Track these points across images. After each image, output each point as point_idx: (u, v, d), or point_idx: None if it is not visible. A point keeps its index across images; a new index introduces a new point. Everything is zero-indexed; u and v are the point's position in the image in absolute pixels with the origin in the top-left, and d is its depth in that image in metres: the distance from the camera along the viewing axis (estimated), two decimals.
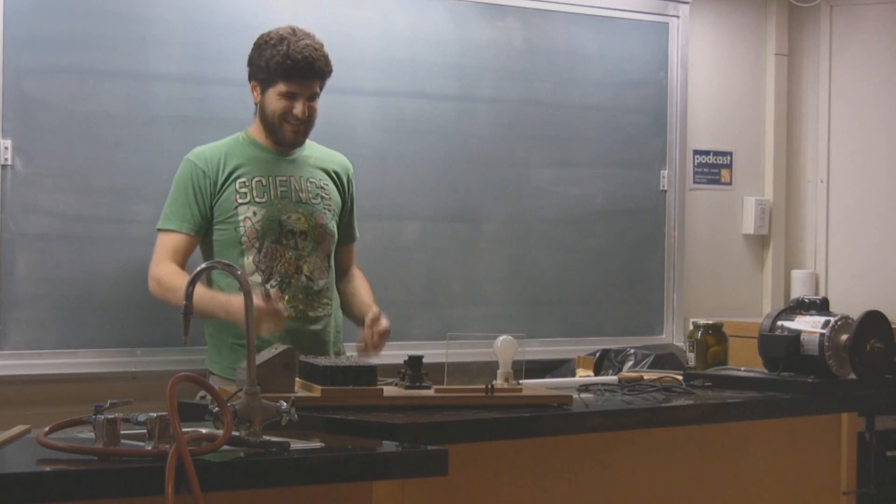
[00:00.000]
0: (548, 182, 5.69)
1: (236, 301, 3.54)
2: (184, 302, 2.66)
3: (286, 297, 3.71)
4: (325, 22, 4.85)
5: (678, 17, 6.03)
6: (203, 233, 3.75)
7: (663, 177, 6.01)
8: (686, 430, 3.42)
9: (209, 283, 3.79)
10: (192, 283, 2.65)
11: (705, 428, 3.46)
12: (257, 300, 3.44)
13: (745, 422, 3.53)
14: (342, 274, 3.99)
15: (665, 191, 6.01)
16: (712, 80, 6.26)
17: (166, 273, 3.69)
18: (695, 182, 6.19)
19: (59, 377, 4.64)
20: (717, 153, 6.28)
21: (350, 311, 3.95)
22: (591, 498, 3.25)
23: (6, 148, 4.53)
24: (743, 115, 6.37)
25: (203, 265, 2.70)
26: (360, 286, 4.01)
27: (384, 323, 3.75)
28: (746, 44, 6.38)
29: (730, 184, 6.32)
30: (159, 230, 3.79)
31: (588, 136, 5.79)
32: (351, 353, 3.70)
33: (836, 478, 3.80)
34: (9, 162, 4.53)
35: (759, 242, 6.43)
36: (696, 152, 6.19)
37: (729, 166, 6.31)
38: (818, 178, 6.48)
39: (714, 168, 6.26)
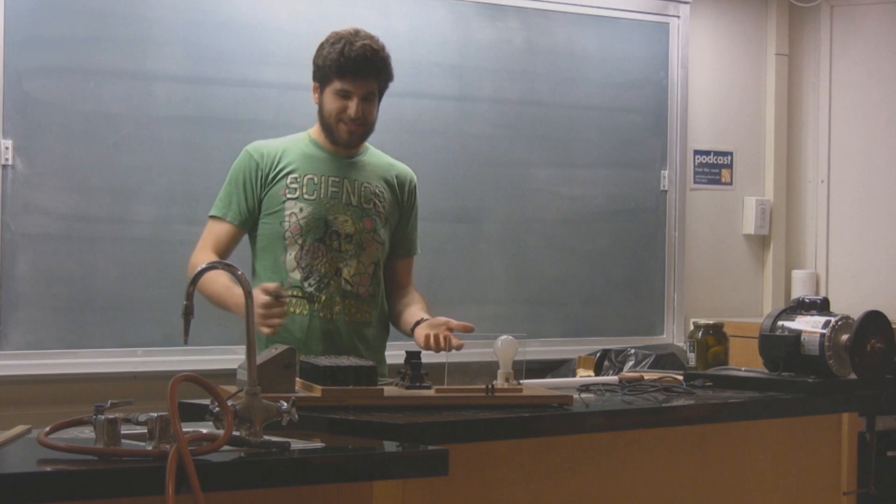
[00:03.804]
0: (548, 182, 5.69)
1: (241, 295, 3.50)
2: (183, 302, 2.65)
3: (323, 298, 3.66)
4: (324, 22, 4.85)
5: (678, 17, 6.03)
6: (249, 226, 3.71)
7: (664, 177, 6.01)
8: (686, 431, 3.42)
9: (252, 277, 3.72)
10: (192, 283, 2.64)
11: (706, 428, 3.46)
12: (258, 296, 3.40)
13: (746, 422, 3.53)
14: (399, 289, 3.86)
15: (665, 191, 6.01)
16: (713, 80, 6.26)
17: (201, 260, 3.63)
18: (695, 182, 6.19)
19: (59, 377, 4.64)
20: (717, 153, 6.28)
21: (401, 322, 3.80)
22: (591, 498, 3.25)
23: (7, 148, 4.53)
24: (743, 116, 6.37)
25: (203, 265, 2.69)
26: (416, 300, 3.84)
27: (440, 319, 3.57)
28: (747, 44, 6.38)
29: (730, 184, 6.32)
30: (209, 216, 3.76)
31: (588, 137, 5.79)
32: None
33: (836, 478, 3.79)
34: (9, 162, 4.54)
35: (760, 242, 6.43)
36: (696, 152, 6.19)
37: (729, 166, 6.31)
38: (818, 178, 6.48)
39: (714, 168, 6.26)
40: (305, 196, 3.67)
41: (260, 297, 3.36)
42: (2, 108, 4.52)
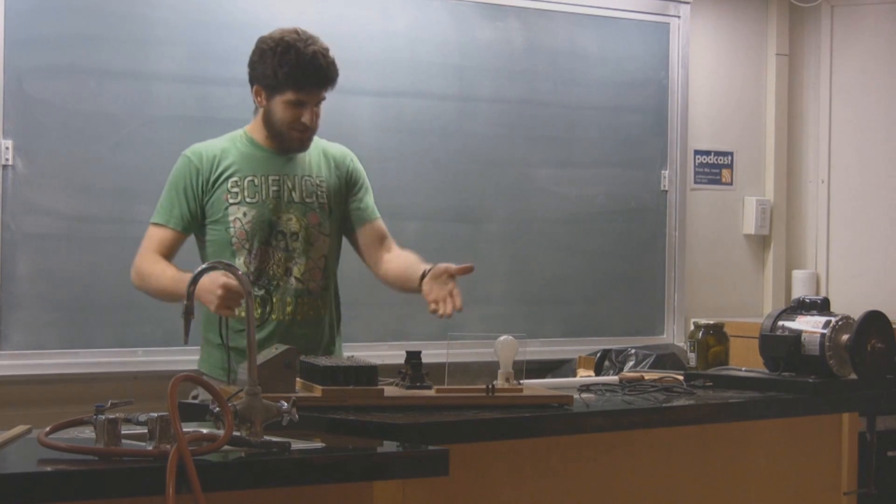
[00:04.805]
0: (548, 182, 5.69)
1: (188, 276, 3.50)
2: (184, 302, 2.65)
3: (274, 300, 3.67)
4: (325, 22, 4.86)
5: (679, 17, 6.03)
6: (192, 230, 3.71)
7: (664, 177, 6.01)
8: (687, 431, 3.42)
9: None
10: (192, 283, 2.64)
11: (706, 428, 3.46)
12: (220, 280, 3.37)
13: (746, 422, 3.52)
14: (378, 251, 3.81)
15: (666, 191, 6.01)
16: (713, 80, 6.26)
17: (145, 261, 3.65)
18: (695, 182, 6.19)
19: (59, 377, 4.64)
20: (717, 153, 6.28)
21: (405, 283, 3.74)
22: (591, 498, 3.24)
23: (7, 148, 4.53)
24: (744, 115, 6.37)
25: (204, 265, 2.69)
26: (405, 255, 3.79)
27: (440, 267, 3.55)
28: (747, 44, 6.38)
29: (730, 184, 6.32)
30: (150, 223, 3.75)
31: (589, 136, 5.79)
32: (350, 354, 3.65)
33: (836, 478, 3.79)
34: (9, 162, 4.54)
35: (760, 242, 6.43)
36: (696, 152, 6.19)
37: (730, 166, 6.31)
38: (819, 178, 6.48)
39: (715, 168, 6.26)
40: (248, 200, 3.66)
41: (220, 279, 3.35)
42: (2, 108, 4.52)
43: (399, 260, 3.81)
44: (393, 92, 5.28)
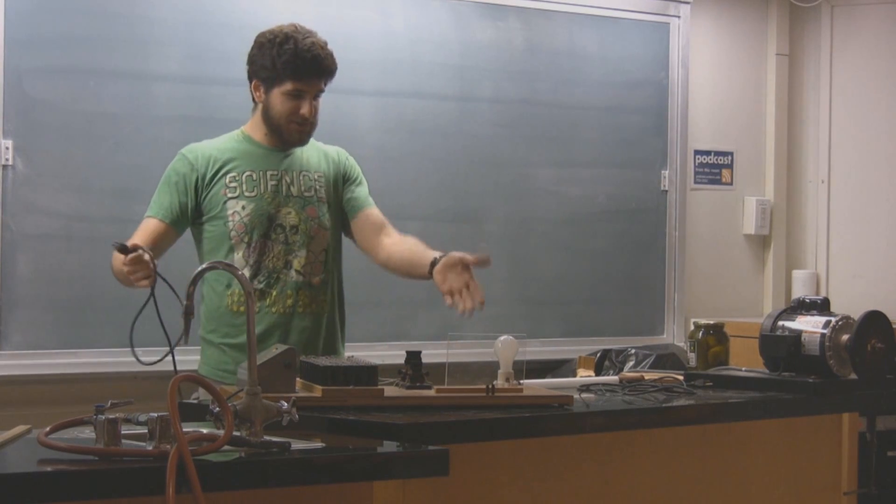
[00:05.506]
0: (549, 182, 5.69)
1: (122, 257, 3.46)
2: (184, 302, 2.65)
3: (274, 293, 3.67)
4: (325, 22, 4.85)
5: (679, 17, 6.03)
6: (181, 226, 3.70)
7: (664, 177, 6.01)
8: (687, 431, 3.42)
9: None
10: (192, 283, 2.64)
11: (706, 428, 3.46)
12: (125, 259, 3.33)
13: (746, 422, 3.53)
14: (378, 237, 3.78)
15: (666, 191, 6.01)
16: (713, 80, 6.26)
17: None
18: (696, 182, 6.19)
19: (59, 377, 4.64)
20: (717, 153, 6.28)
21: (411, 268, 3.70)
22: (591, 498, 3.24)
23: (7, 148, 4.53)
24: (744, 115, 6.37)
25: (203, 265, 2.69)
26: (408, 240, 3.74)
27: (454, 256, 3.51)
28: (747, 44, 6.38)
29: (730, 184, 6.32)
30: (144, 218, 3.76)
31: (589, 137, 5.79)
32: (350, 354, 3.64)
33: (836, 478, 3.79)
34: (9, 162, 4.54)
35: (760, 242, 6.43)
36: (696, 152, 6.19)
37: (730, 166, 6.31)
38: (819, 177, 6.48)
39: (715, 168, 6.26)
40: (246, 193, 3.67)
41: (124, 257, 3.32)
42: (2, 108, 4.52)
43: (403, 244, 3.79)
44: (393, 92, 5.28)
